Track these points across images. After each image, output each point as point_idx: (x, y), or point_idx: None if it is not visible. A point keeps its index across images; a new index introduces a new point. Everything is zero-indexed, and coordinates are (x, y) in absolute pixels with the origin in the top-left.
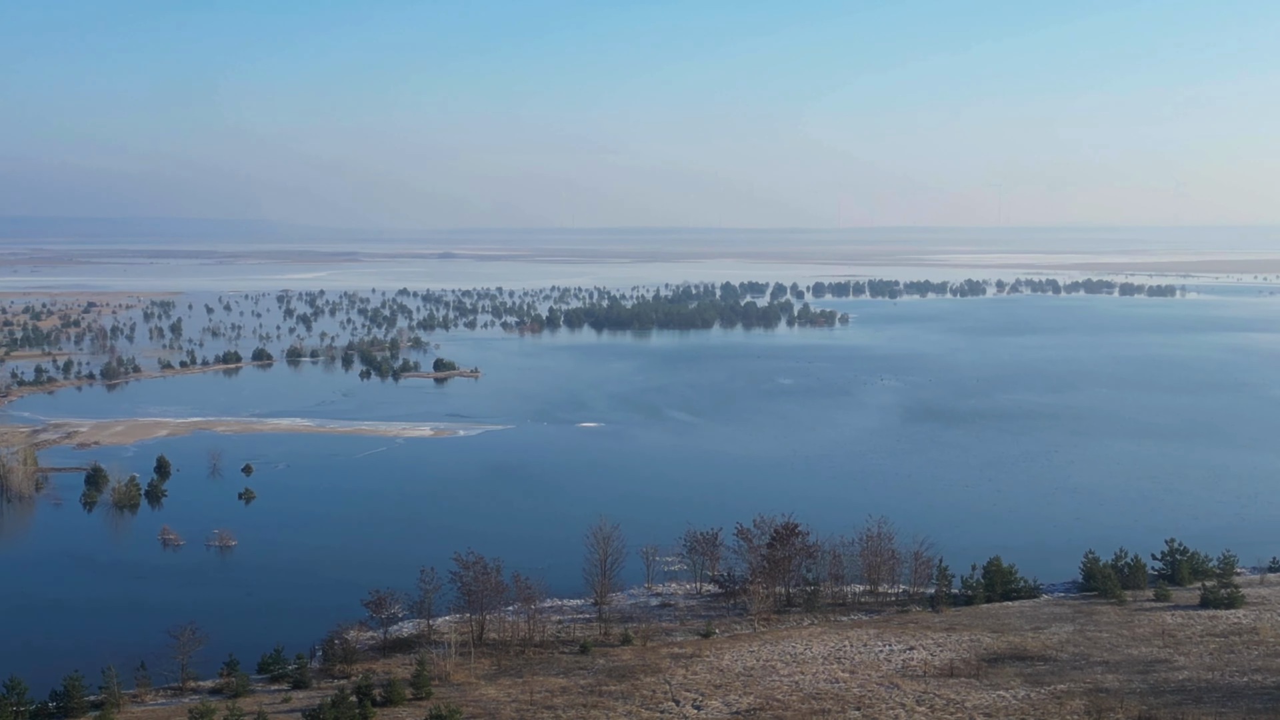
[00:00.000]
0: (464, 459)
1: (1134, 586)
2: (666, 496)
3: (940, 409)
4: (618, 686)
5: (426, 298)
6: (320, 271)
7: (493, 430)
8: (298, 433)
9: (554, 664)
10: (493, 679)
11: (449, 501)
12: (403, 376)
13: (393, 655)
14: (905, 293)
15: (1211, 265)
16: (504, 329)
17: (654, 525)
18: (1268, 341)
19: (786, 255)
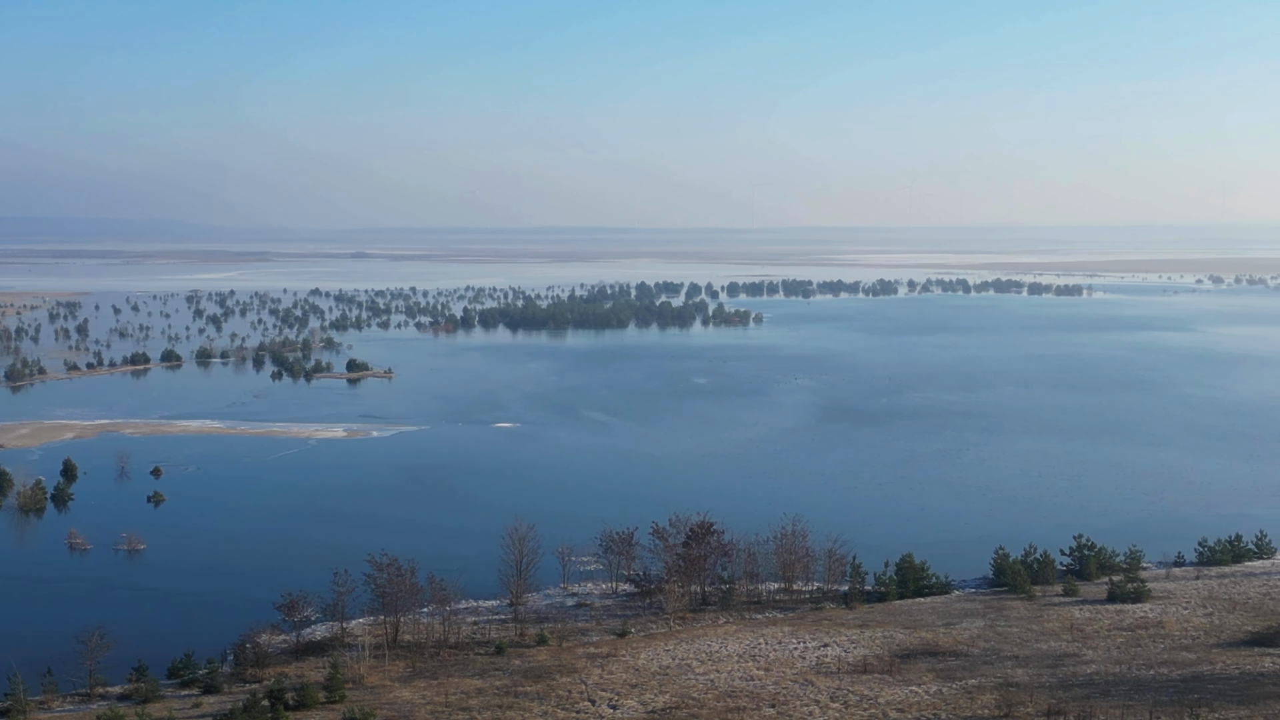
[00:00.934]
0: (378, 460)
1: (1043, 582)
2: (582, 496)
3: (853, 408)
4: (533, 687)
5: (339, 298)
6: (230, 272)
7: (407, 431)
8: (208, 435)
9: (469, 665)
10: (407, 681)
11: (363, 503)
12: (315, 377)
13: (306, 658)
14: (818, 292)
15: (1118, 265)
16: (418, 329)
17: (570, 525)
18: (1172, 340)
19: (702, 255)
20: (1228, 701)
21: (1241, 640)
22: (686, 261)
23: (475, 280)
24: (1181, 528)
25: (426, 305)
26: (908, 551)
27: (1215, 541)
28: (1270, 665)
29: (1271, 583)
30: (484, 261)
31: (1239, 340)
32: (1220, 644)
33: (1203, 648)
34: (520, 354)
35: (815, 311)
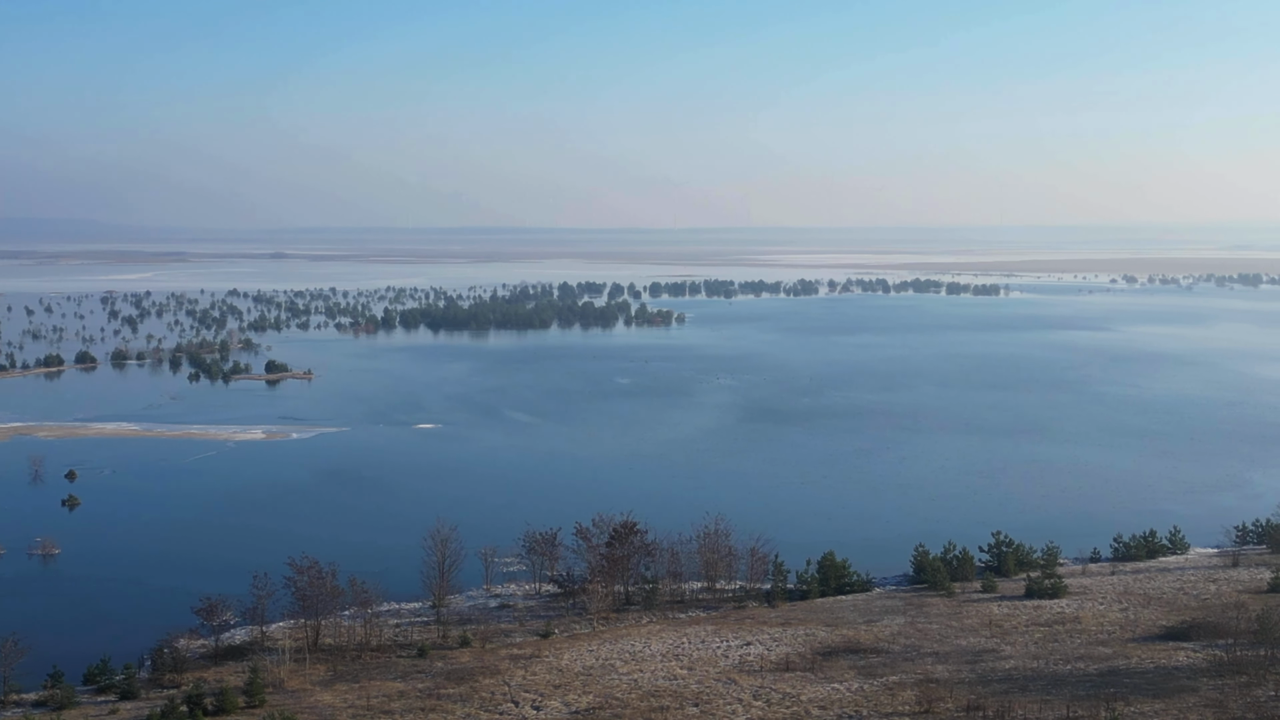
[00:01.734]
0: (298, 462)
1: (962, 578)
2: (505, 497)
3: (775, 407)
4: (456, 689)
5: (258, 299)
6: (146, 272)
7: (327, 433)
8: (124, 437)
9: (391, 668)
10: (328, 685)
11: (283, 506)
12: (233, 379)
13: (225, 663)
14: (740, 292)
15: (1035, 265)
16: (338, 330)
17: (493, 526)
18: (1087, 339)
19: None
20: (1143, 695)
21: (1156, 635)
22: (608, 262)
23: (396, 281)
24: (1097, 524)
25: (347, 306)
26: (829, 549)
27: (1130, 537)
28: (1184, 659)
29: (1185, 578)
30: (405, 262)
31: (1153, 339)
32: (1135, 638)
33: (1118, 642)
34: (442, 355)
35: (737, 311)
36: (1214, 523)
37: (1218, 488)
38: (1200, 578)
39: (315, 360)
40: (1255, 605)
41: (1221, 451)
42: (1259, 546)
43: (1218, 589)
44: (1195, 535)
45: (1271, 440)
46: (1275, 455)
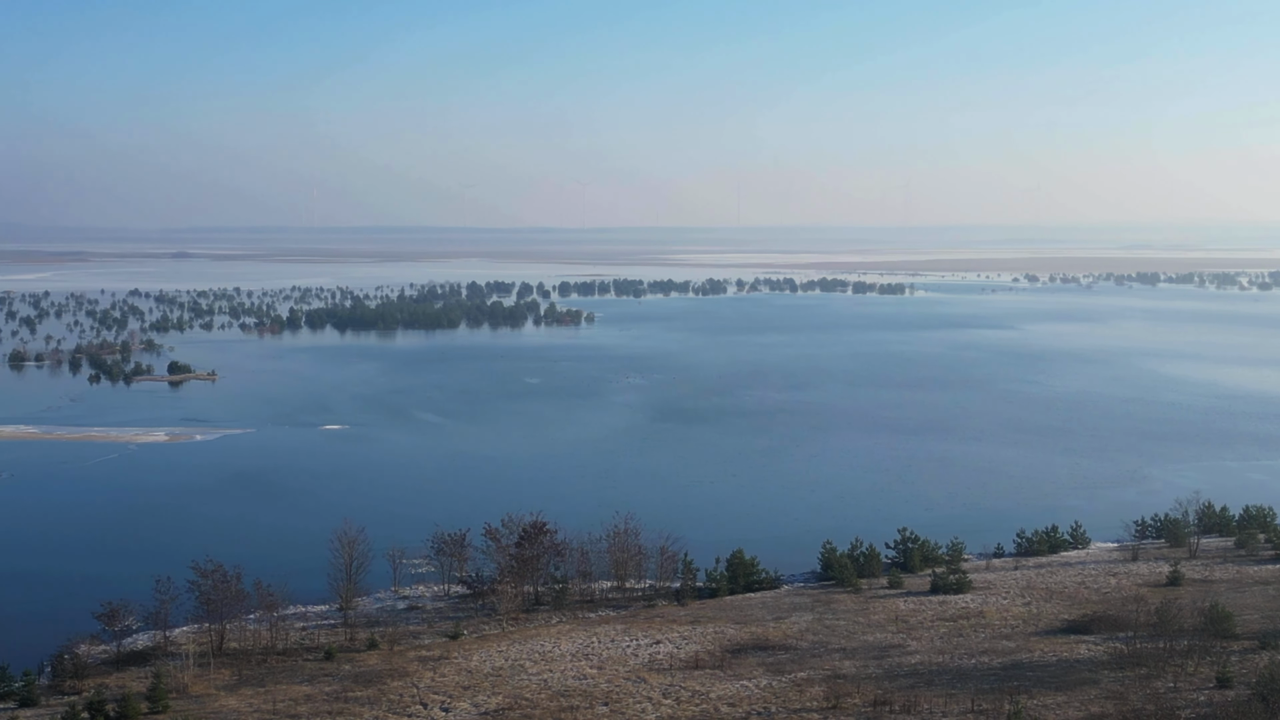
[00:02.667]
0: (202, 464)
1: (869, 575)
2: (414, 498)
3: (684, 407)
4: (364, 692)
5: (160, 299)
6: (44, 272)
7: (232, 434)
8: (22, 440)
9: (298, 672)
10: (234, 689)
11: (187, 509)
12: (135, 380)
13: (127, 669)
14: (649, 292)
15: (938, 264)
16: (242, 330)
17: (401, 528)
18: (991, 337)
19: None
20: (1046, 688)
21: (1058, 628)
22: (517, 261)
23: (302, 280)
24: (1001, 520)
25: (251, 306)
26: (738, 547)
27: (1033, 533)
28: (1085, 652)
29: (1086, 572)
30: (311, 261)
31: (1055, 337)
32: (1038, 632)
33: (1022, 636)
34: (349, 355)
35: (646, 311)
36: (1114, 517)
37: (1118, 483)
38: (1101, 572)
39: (219, 361)
40: (1154, 598)
41: (1122, 448)
42: (1158, 541)
43: (1118, 583)
44: (1096, 530)
45: (1170, 436)
46: (1174, 451)
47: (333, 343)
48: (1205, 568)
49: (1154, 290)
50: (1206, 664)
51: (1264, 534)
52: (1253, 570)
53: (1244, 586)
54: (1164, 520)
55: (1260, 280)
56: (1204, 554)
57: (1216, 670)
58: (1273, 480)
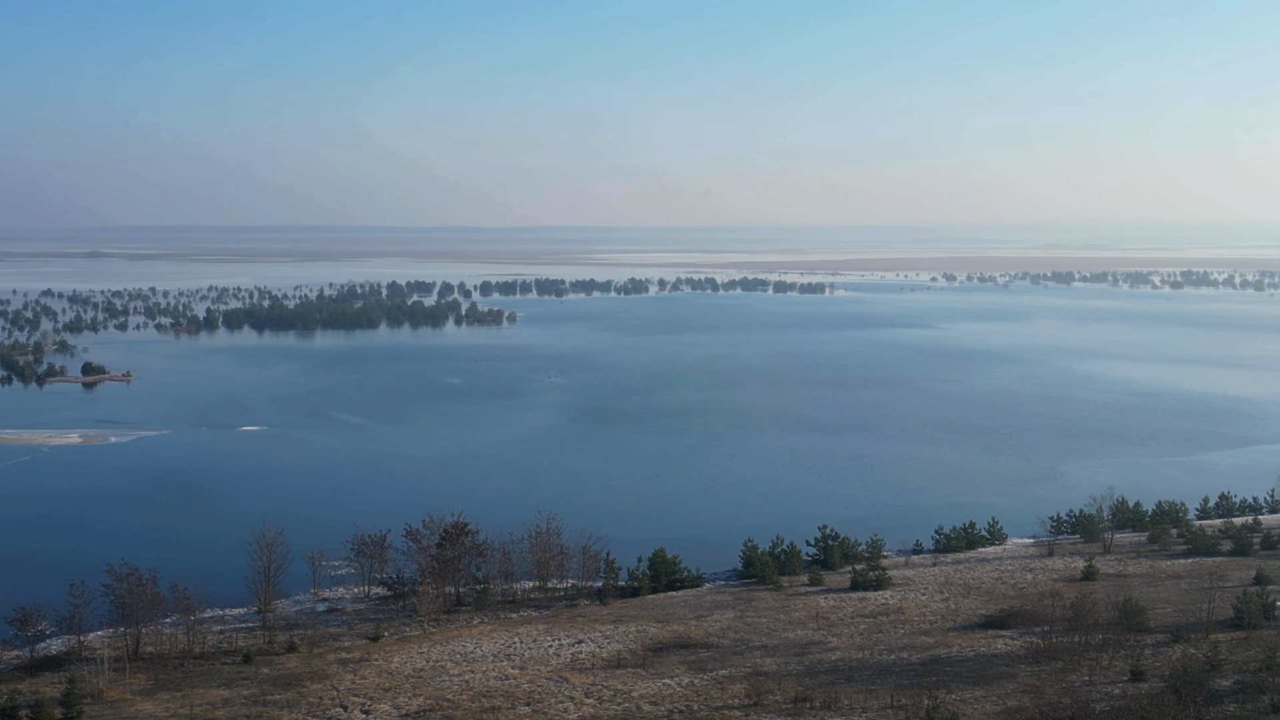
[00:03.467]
0: (117, 467)
1: (790, 572)
2: (334, 500)
3: (607, 406)
4: (283, 695)
5: (73, 299)
6: None
7: (147, 436)
8: None
9: (215, 675)
10: (149, 694)
11: (101, 512)
12: (47, 381)
13: (40, 674)
14: (571, 291)
15: (858, 264)
16: (158, 331)
17: (321, 530)
18: (910, 336)
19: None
20: (964, 683)
21: (976, 623)
22: (438, 261)
23: (219, 280)
24: (920, 517)
25: (167, 306)
26: (661, 546)
27: (951, 529)
28: (1003, 646)
29: (1003, 567)
30: (229, 260)
31: (973, 336)
32: (956, 627)
33: (940, 631)
34: (267, 355)
35: (568, 310)
36: (1030, 514)
37: (1034, 480)
38: (1017, 567)
39: (134, 362)
40: (1069, 593)
41: (1038, 445)
42: (1072, 536)
43: (1034, 578)
44: (1013, 526)
45: (1085, 434)
46: (1089, 448)
47: (251, 343)
48: (1119, 562)
49: (1069, 289)
50: (1121, 657)
51: (1176, 529)
52: (1165, 564)
53: (1157, 580)
54: (1079, 516)
55: (1172, 279)
56: (1118, 549)
57: (1130, 663)
58: (1184, 476)
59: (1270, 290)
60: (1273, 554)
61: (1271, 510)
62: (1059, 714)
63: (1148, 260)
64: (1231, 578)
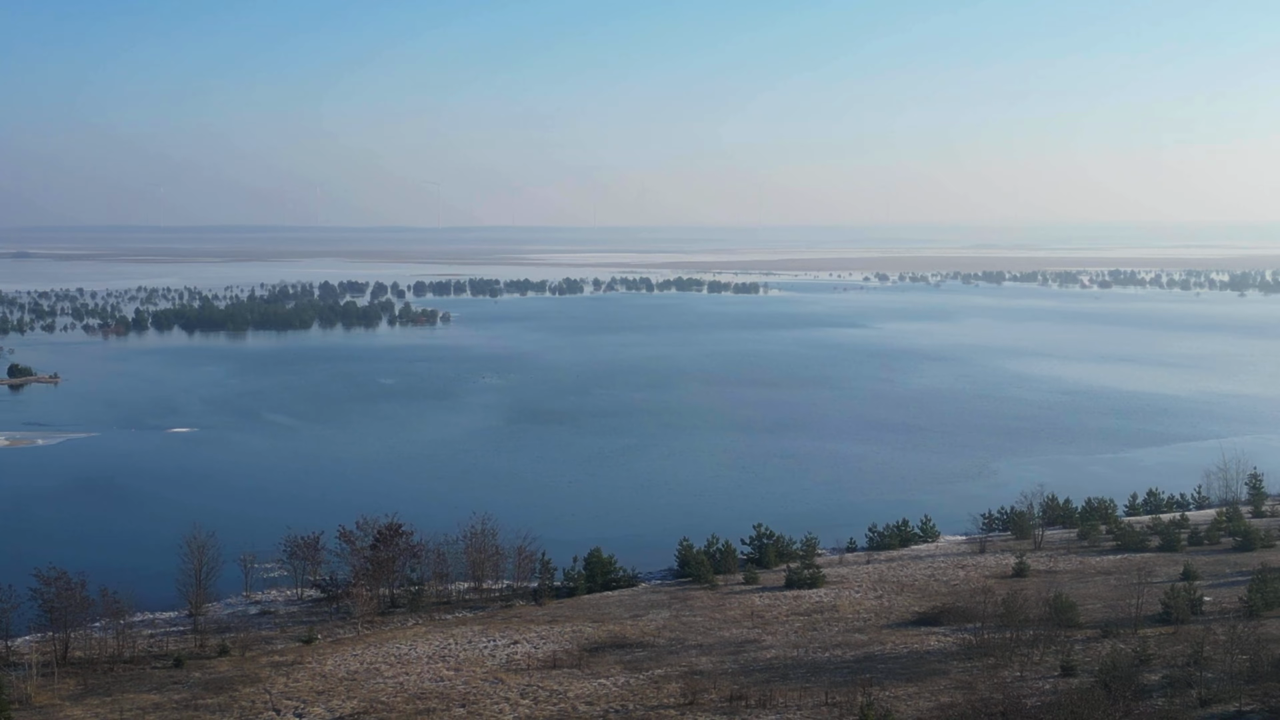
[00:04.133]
0: (45, 470)
1: (726, 571)
2: (266, 502)
3: (542, 407)
4: (215, 699)
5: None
6: None
7: (75, 438)
8: None
9: (146, 680)
10: (79, 699)
11: (28, 515)
12: None
13: None
14: (506, 291)
15: (792, 263)
16: (86, 332)
17: (253, 532)
18: (843, 336)
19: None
20: (897, 679)
21: (909, 620)
22: (371, 261)
23: (149, 281)
24: (854, 514)
25: (96, 307)
26: (596, 546)
27: (885, 527)
28: (935, 643)
29: (935, 564)
30: (158, 261)
31: (905, 335)
32: (890, 624)
33: (874, 629)
34: (197, 357)
35: (503, 311)
36: (963, 511)
37: (966, 477)
38: (950, 564)
39: (62, 363)
40: (1001, 590)
41: (970, 443)
42: (1004, 533)
43: (966, 575)
44: (945, 523)
45: (1016, 432)
46: (1019, 445)
47: (181, 344)
48: (1050, 559)
49: (1000, 289)
50: (1051, 653)
51: (1105, 525)
52: (1095, 560)
53: (1086, 577)
54: (1010, 513)
55: (1100, 279)
56: (1048, 545)
57: (1061, 659)
58: (1113, 473)
59: (1196, 290)
60: (1199, 549)
61: (1198, 506)
62: (991, 709)
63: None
64: (1160, 573)
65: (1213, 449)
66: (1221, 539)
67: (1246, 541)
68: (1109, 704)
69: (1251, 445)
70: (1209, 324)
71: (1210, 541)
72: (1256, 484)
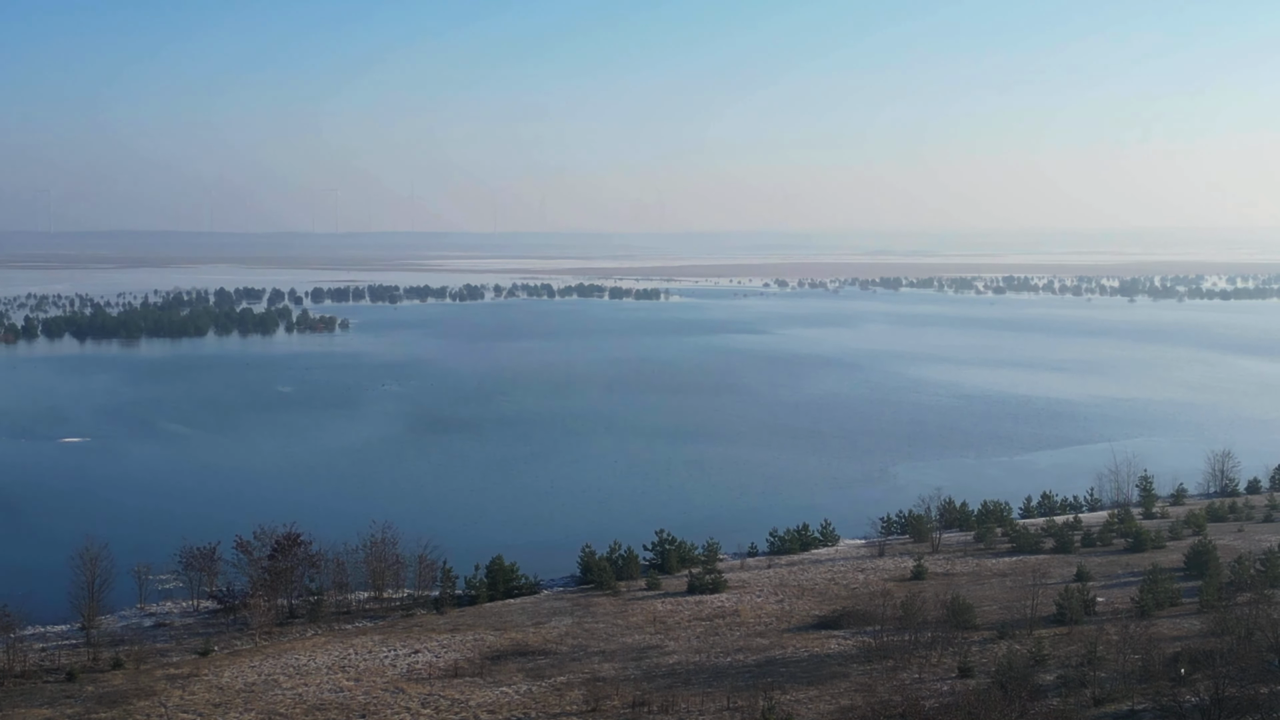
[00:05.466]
0: None
1: (628, 577)
2: (161, 512)
3: (443, 415)
4: (109, 713)
5: None
6: None
7: None
8: None
9: (37, 694)
10: None
11: None
12: None
13: None
14: (406, 298)
15: (693, 270)
16: None
17: (148, 543)
18: (744, 342)
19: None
20: (798, 683)
21: (810, 624)
22: (268, 267)
23: (38, 287)
24: (755, 519)
25: None
26: (498, 553)
27: (785, 531)
28: (836, 646)
29: (835, 568)
30: (48, 267)
31: (805, 342)
32: (791, 629)
33: (775, 633)
34: (89, 365)
35: (403, 317)
36: (862, 515)
37: (865, 481)
38: (850, 568)
39: None
40: (900, 592)
41: (868, 447)
42: (902, 536)
43: (865, 578)
44: (845, 527)
45: (913, 436)
46: (917, 449)
47: (72, 352)
48: (947, 561)
49: (897, 295)
50: (949, 654)
51: (1001, 528)
52: (991, 563)
53: (983, 579)
54: (908, 516)
55: (995, 285)
56: (946, 548)
57: (958, 660)
58: (1008, 476)
59: (1087, 296)
60: (1092, 551)
61: (1091, 508)
62: (890, 711)
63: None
64: (1054, 575)
65: (1104, 452)
66: (1114, 540)
67: (1138, 543)
68: (1005, 704)
69: (1142, 447)
70: (1100, 329)
71: (1103, 543)
72: (1147, 486)
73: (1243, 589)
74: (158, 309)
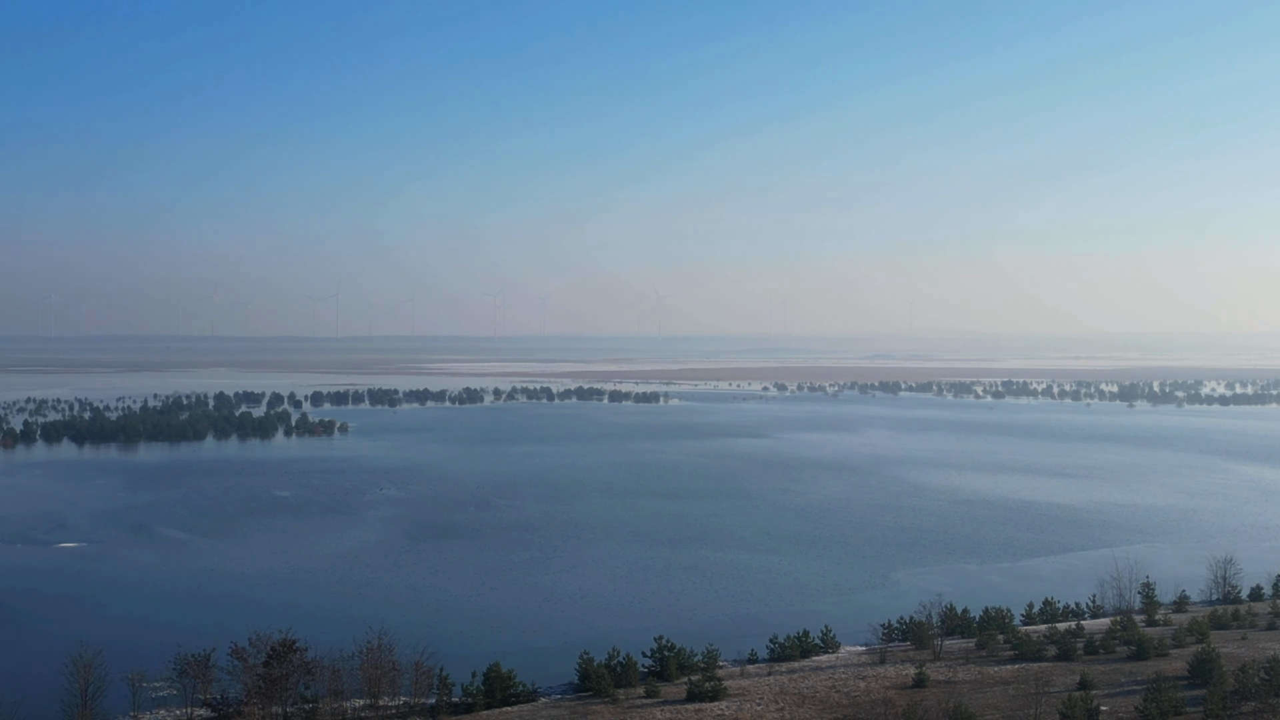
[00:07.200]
0: None
1: (626, 684)
2: (157, 619)
3: (441, 520)
4: None
5: None
6: None
7: None
8: None
9: None
10: None
11: None
12: None
13: None
14: (405, 401)
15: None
16: None
17: (143, 650)
18: (745, 446)
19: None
20: None
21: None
22: (268, 370)
23: (37, 391)
24: (756, 625)
25: None
26: (496, 660)
27: (785, 637)
28: None
29: (836, 676)
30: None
31: (805, 445)
32: None
33: None
34: (88, 469)
35: (402, 421)
36: (862, 621)
37: (866, 587)
38: (850, 675)
39: None
40: (901, 700)
41: (870, 553)
42: (904, 643)
43: (866, 685)
44: (845, 634)
45: (914, 542)
46: (918, 555)
47: (70, 456)
48: (949, 669)
49: (896, 399)
50: None
51: (1003, 635)
52: (993, 670)
53: (986, 686)
54: (910, 623)
55: (994, 389)
56: (948, 655)
57: None
58: (1009, 582)
59: (1086, 400)
60: (1095, 658)
61: (1093, 615)
62: None
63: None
64: (1057, 683)
65: (1106, 558)
66: (1116, 648)
67: (1141, 650)
68: None
69: (1144, 554)
70: (1100, 434)
71: (1105, 650)
72: (1149, 593)
73: (1247, 698)
74: (157, 413)
